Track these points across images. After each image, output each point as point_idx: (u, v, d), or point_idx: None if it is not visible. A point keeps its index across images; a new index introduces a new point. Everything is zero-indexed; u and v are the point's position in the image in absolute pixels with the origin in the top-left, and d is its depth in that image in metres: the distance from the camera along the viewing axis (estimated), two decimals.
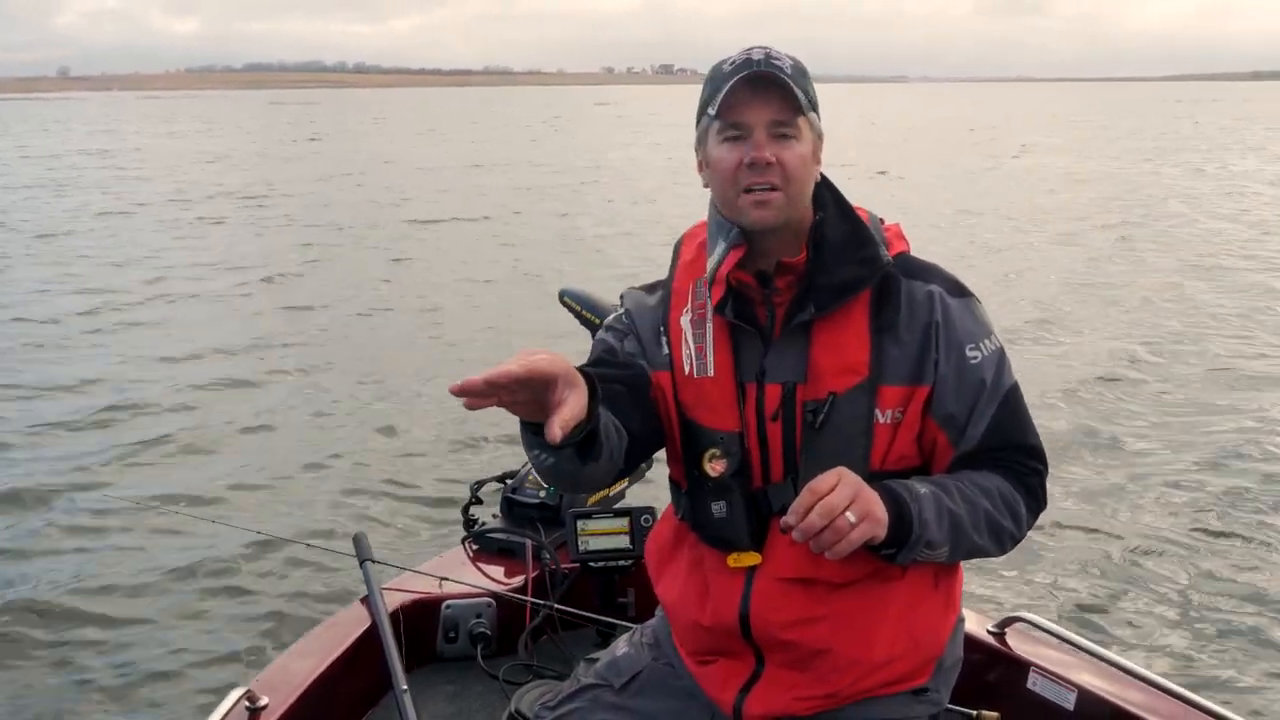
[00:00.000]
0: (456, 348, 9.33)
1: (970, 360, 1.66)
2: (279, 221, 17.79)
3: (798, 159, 1.63)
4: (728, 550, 1.72)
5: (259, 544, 5.02)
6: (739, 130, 1.63)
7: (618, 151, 34.62)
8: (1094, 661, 2.28)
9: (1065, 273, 12.40)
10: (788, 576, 1.68)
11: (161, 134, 48.93)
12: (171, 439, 6.89)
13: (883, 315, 1.66)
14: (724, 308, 1.70)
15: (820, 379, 1.65)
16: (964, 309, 1.69)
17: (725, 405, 1.70)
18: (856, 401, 1.64)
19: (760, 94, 1.61)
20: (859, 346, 1.65)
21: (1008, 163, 28.67)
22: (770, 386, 1.68)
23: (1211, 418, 7.15)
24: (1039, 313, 10.19)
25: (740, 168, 1.62)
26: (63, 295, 11.59)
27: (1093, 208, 18.58)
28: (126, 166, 29.31)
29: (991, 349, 1.68)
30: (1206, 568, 4.91)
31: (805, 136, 1.65)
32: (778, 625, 1.68)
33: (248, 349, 9.23)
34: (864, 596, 1.67)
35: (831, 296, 1.65)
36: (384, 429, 7.06)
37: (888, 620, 1.68)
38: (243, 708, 2.18)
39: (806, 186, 1.67)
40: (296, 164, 29.90)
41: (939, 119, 56.43)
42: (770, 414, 1.68)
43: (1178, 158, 29.99)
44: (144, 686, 4.04)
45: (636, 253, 13.75)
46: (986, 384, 1.66)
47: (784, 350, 1.68)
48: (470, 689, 2.65)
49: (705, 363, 1.72)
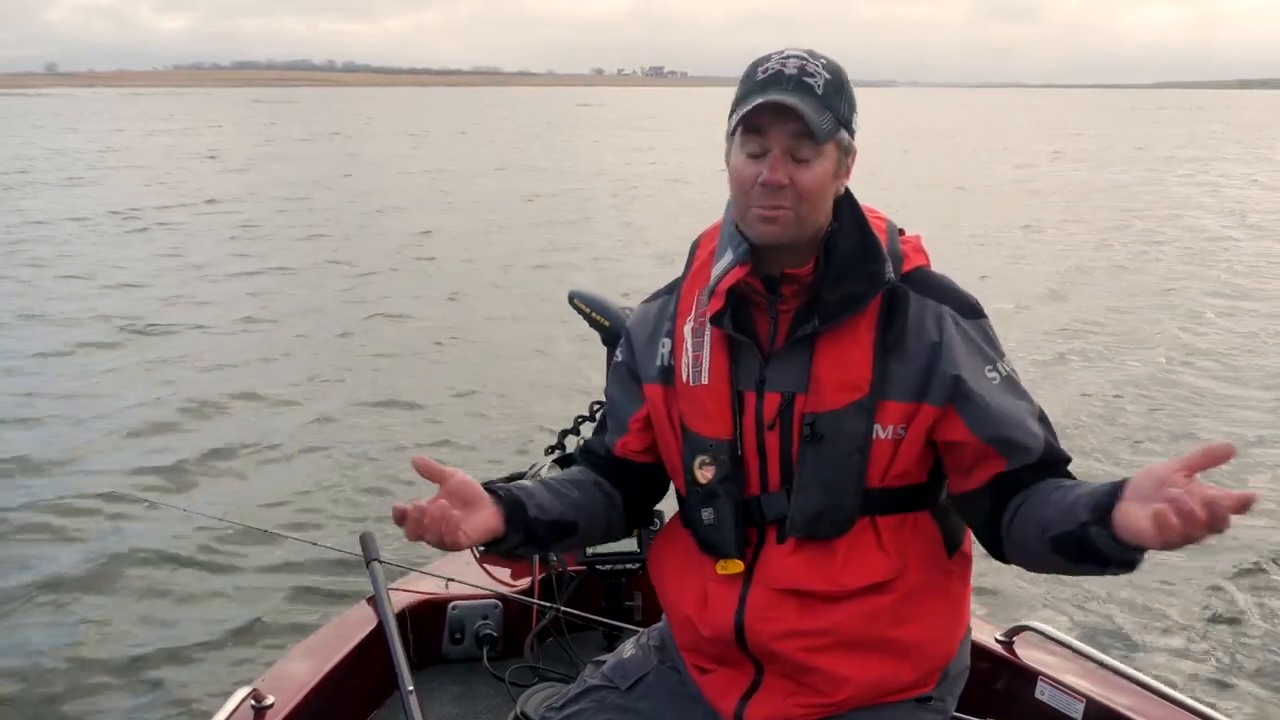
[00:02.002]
0: (464, 348, 9.38)
1: (992, 381, 1.64)
2: (280, 221, 17.69)
3: (814, 181, 1.61)
4: (716, 557, 1.72)
5: (266, 543, 5.02)
6: (759, 145, 1.62)
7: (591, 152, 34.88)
8: (1102, 672, 2.28)
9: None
10: (780, 587, 1.67)
11: (138, 132, 48.45)
12: (179, 437, 6.89)
13: (889, 332, 1.64)
14: (721, 320, 1.69)
15: (821, 392, 1.64)
16: (977, 330, 1.67)
17: (719, 413, 1.70)
18: (855, 418, 1.63)
19: (785, 113, 1.59)
20: (862, 362, 1.64)
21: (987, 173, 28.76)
22: (770, 395, 1.68)
23: (1229, 425, 7.17)
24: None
25: (754, 184, 1.61)
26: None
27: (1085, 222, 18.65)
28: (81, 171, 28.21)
29: (1007, 370, 1.67)
30: (1218, 579, 4.92)
31: (828, 155, 1.62)
32: (771, 636, 1.67)
33: (252, 350, 9.21)
34: (862, 610, 1.65)
35: (836, 310, 1.64)
36: (391, 430, 7.07)
37: (888, 633, 1.66)
38: (248, 707, 2.18)
39: (821, 205, 1.65)
40: (280, 164, 29.79)
41: (918, 125, 56.47)
42: (768, 423, 1.68)
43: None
44: (149, 684, 4.03)
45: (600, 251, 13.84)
46: (1021, 404, 1.64)
47: (786, 360, 1.67)
48: (476, 690, 2.64)
49: (701, 370, 1.72)
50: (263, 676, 2.33)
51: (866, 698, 1.68)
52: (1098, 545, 1.42)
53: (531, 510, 1.68)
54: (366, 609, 2.60)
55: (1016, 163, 30.21)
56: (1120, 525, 1.36)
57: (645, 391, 1.81)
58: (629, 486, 1.87)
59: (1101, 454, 6.56)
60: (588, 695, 1.88)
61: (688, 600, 1.76)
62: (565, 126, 52.46)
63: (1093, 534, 1.42)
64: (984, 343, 1.67)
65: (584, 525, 1.79)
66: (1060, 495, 1.52)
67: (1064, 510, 1.49)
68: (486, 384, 8.17)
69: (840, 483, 1.64)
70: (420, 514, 1.51)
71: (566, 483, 1.81)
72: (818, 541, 1.66)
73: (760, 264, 1.68)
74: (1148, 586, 4.83)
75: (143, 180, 24.27)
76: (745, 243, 1.67)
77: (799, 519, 1.65)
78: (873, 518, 1.66)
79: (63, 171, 26.31)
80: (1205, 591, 4.81)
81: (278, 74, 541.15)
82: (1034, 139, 43.56)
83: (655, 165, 29.80)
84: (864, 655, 1.66)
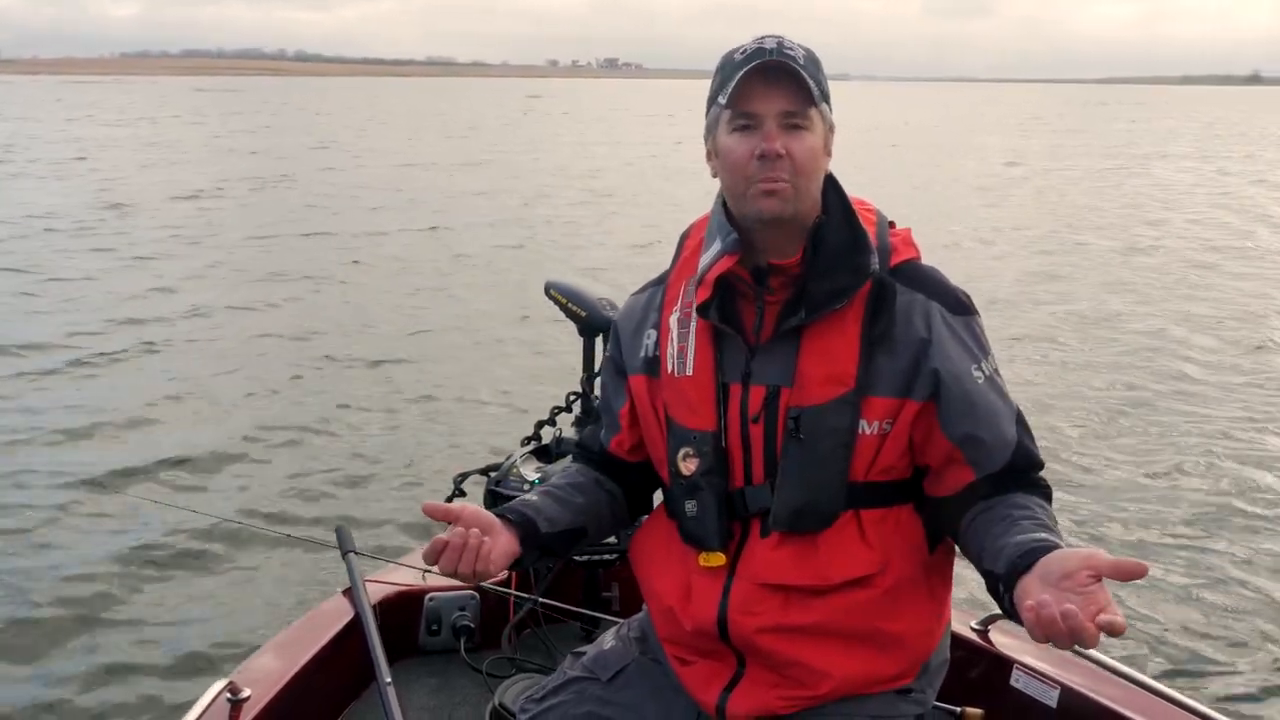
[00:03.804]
0: (439, 338, 9.37)
1: (976, 380, 1.64)
2: (259, 208, 17.51)
3: (808, 151, 1.62)
4: (699, 549, 1.72)
5: (241, 535, 4.99)
6: (749, 120, 1.62)
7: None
8: (1076, 659, 2.30)
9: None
10: (763, 581, 1.67)
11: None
12: (153, 430, 6.82)
13: (876, 325, 1.64)
14: (707, 310, 1.69)
15: (806, 386, 1.64)
16: (964, 328, 1.67)
17: (702, 404, 1.70)
18: (840, 412, 1.63)
19: (772, 84, 1.60)
20: (848, 357, 1.64)
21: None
22: (755, 388, 1.68)
23: (1194, 421, 7.26)
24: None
25: (750, 159, 1.62)
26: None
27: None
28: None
29: (991, 370, 1.67)
30: (1188, 565, 5.01)
31: (817, 128, 1.64)
32: (754, 630, 1.67)
33: (224, 338, 9.15)
34: (845, 604, 1.66)
35: (822, 303, 1.64)
36: (367, 421, 7.04)
37: (871, 627, 1.67)
38: (224, 700, 2.16)
39: (816, 179, 1.66)
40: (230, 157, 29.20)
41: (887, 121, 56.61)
42: (753, 416, 1.68)
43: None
44: (124, 679, 3.99)
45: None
46: (1000, 405, 1.65)
47: (773, 353, 1.67)
48: (453, 682, 2.64)
49: (685, 361, 1.72)
50: (239, 669, 2.31)
51: (848, 690, 1.68)
52: (1001, 603, 1.49)
53: (543, 527, 1.72)
54: (343, 601, 2.59)
55: (1002, 160, 29.42)
56: (1016, 597, 1.42)
57: (630, 383, 1.81)
58: (628, 480, 1.89)
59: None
60: (568, 687, 1.88)
61: (671, 592, 1.76)
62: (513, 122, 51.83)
63: (1000, 589, 1.48)
64: (971, 340, 1.67)
65: (592, 528, 1.84)
66: (1000, 530, 1.56)
67: (993, 552, 1.53)
68: (462, 377, 8.15)
69: (824, 477, 1.64)
70: (462, 542, 1.57)
71: (569, 488, 1.83)
72: (801, 535, 1.66)
73: (749, 255, 1.68)
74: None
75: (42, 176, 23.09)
76: (735, 232, 1.67)
77: (782, 513, 1.66)
78: (856, 512, 1.66)
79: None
80: (1176, 577, 4.89)
81: (227, 62, 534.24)
82: (1013, 136, 43.62)
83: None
84: (846, 648, 1.66)
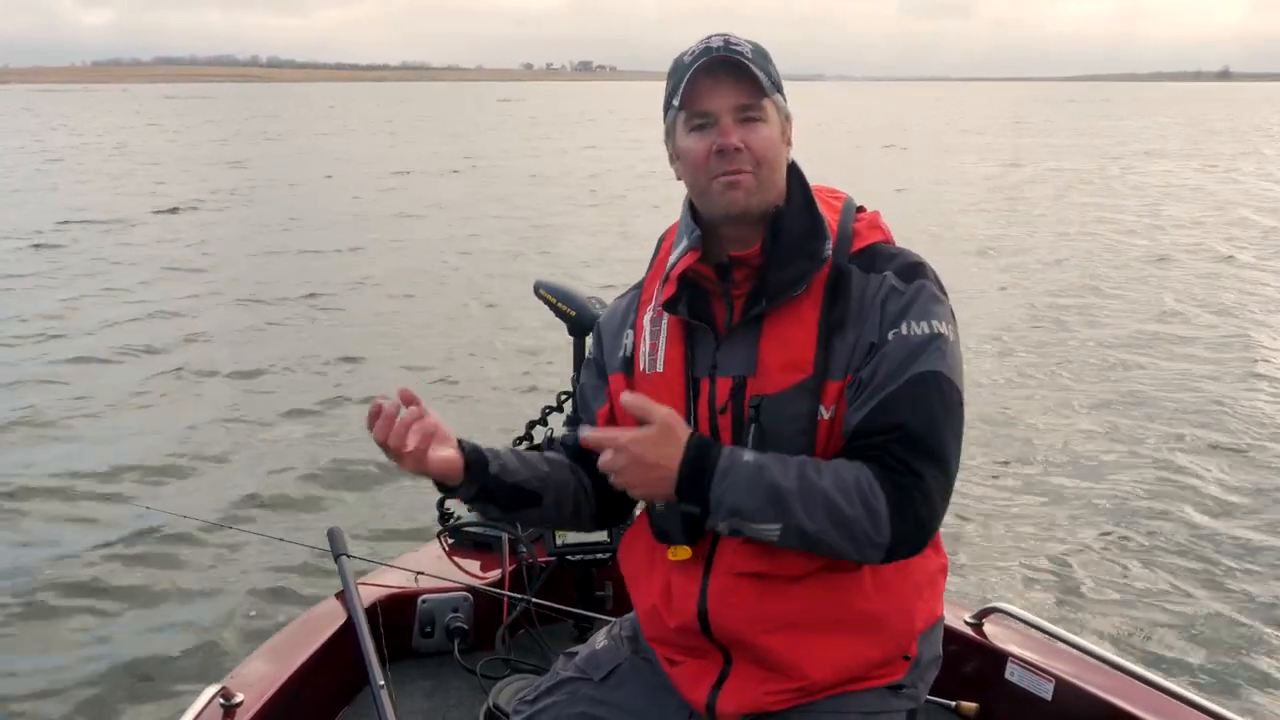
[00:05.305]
0: (429, 337, 9.36)
1: (890, 335, 1.60)
2: (231, 218, 17.36)
3: (765, 141, 1.63)
4: (667, 544, 1.71)
5: (233, 539, 4.98)
6: (705, 118, 1.63)
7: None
8: (1071, 652, 2.31)
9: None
10: (740, 571, 1.67)
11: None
12: (144, 434, 6.78)
13: (834, 311, 1.63)
14: (674, 306, 1.71)
15: (767, 374, 1.64)
16: (913, 292, 1.63)
17: (672, 400, 1.68)
18: (798, 399, 1.62)
19: (722, 80, 1.62)
20: (805, 343, 1.63)
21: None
22: (721, 380, 1.68)
23: (1196, 412, 7.29)
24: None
25: (709, 156, 1.63)
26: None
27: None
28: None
29: (924, 331, 1.60)
30: (1181, 557, 5.04)
31: (772, 118, 1.65)
32: (735, 622, 1.67)
33: (209, 348, 9.08)
34: (824, 591, 1.65)
35: (779, 290, 1.64)
36: (358, 423, 6.97)
37: (849, 610, 1.66)
38: (217, 705, 2.15)
39: (778, 169, 1.67)
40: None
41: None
42: (719, 408, 1.68)
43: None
44: (116, 685, 3.97)
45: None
46: (897, 360, 1.58)
47: (736, 344, 1.68)
48: (448, 684, 2.63)
49: (656, 359, 1.74)
50: (232, 674, 2.29)
51: (835, 678, 1.67)
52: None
53: (493, 468, 1.68)
54: (335, 604, 2.58)
55: (997, 160, 29.68)
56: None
57: (610, 383, 1.82)
58: (601, 478, 1.78)
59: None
60: (561, 687, 1.88)
61: (653, 591, 1.76)
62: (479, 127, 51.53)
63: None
64: (911, 302, 1.62)
65: (549, 500, 1.76)
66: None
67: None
68: (450, 377, 8.14)
69: None
70: (395, 410, 1.55)
71: (539, 457, 1.81)
72: None
73: (713, 250, 1.69)
74: (1113, 566, 4.95)
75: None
76: (698, 229, 1.69)
77: None
78: None
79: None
80: (1169, 569, 4.92)
81: (199, 69, 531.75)
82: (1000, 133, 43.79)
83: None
84: (828, 634, 1.66)
